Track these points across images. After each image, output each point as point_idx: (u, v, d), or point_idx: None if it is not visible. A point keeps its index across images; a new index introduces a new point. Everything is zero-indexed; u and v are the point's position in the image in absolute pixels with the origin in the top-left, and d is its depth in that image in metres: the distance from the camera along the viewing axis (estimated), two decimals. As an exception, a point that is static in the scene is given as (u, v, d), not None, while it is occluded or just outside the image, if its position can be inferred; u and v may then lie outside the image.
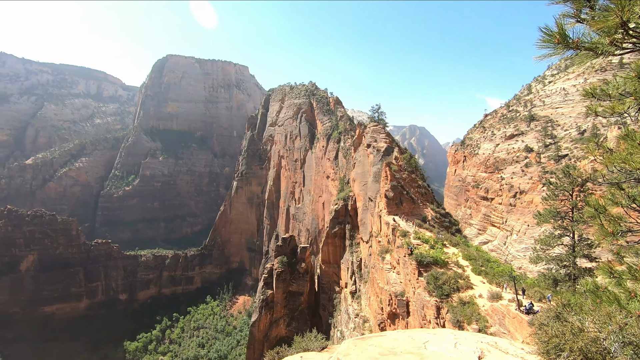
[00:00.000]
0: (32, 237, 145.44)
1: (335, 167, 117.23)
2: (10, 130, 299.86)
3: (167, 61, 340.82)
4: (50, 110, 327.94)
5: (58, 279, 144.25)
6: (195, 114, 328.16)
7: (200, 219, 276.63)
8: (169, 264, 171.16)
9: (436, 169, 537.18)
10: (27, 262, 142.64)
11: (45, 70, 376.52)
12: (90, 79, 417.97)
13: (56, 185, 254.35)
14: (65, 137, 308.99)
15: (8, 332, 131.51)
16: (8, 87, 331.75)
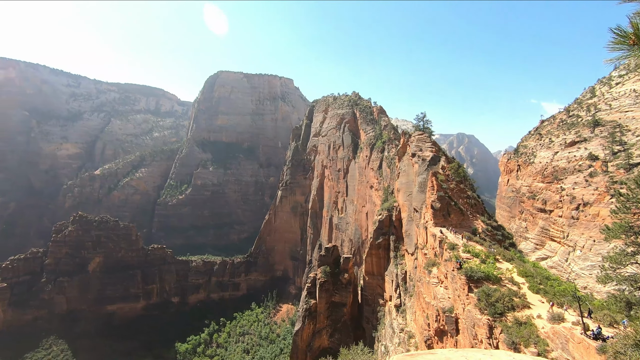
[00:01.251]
0: (98, 241, 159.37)
1: (379, 176, 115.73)
2: (83, 144, 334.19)
3: (217, 77, 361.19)
4: (116, 125, 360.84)
5: (119, 280, 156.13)
6: (242, 126, 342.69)
7: (246, 226, 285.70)
8: (217, 270, 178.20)
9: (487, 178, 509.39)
10: (94, 263, 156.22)
11: (113, 89, 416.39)
12: (150, 96, 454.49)
13: (119, 193, 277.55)
14: (128, 149, 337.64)
15: (76, 327, 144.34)
16: (82, 105, 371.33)
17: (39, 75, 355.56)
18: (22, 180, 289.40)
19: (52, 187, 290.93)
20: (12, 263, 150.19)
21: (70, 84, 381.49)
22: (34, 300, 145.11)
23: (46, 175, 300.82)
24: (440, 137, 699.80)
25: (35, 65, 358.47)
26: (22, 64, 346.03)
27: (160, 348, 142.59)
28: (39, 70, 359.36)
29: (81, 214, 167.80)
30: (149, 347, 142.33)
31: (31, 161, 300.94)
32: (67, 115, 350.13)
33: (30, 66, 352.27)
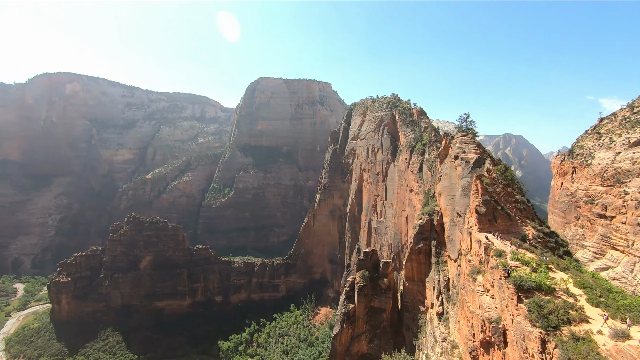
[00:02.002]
0: (149, 241, 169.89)
1: (419, 180, 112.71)
2: (136, 149, 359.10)
3: (258, 83, 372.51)
4: (165, 132, 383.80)
5: (167, 278, 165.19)
6: (282, 130, 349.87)
7: (285, 229, 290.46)
8: (257, 271, 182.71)
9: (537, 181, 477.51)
10: (145, 261, 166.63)
11: (162, 98, 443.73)
12: (196, 104, 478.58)
13: (168, 196, 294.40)
14: (176, 154, 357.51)
15: (130, 320, 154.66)
16: (135, 114, 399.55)
17: (99, 87, 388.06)
18: (84, 183, 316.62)
19: (109, 190, 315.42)
20: (76, 260, 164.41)
21: (126, 94, 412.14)
22: (93, 294, 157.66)
23: (104, 179, 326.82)
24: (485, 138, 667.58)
25: (95, 79, 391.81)
26: (85, 78, 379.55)
27: (205, 344, 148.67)
28: (99, 82, 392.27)
29: (134, 215, 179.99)
30: (194, 343, 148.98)
31: (92, 166, 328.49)
32: (123, 124, 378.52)
33: (91, 79, 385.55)
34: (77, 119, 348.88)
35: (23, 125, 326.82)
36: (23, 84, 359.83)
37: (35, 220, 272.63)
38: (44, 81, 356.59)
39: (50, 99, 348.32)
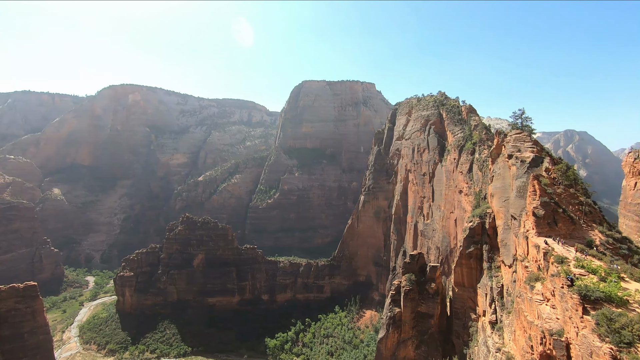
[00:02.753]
0: (201, 240, 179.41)
1: (469, 180, 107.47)
2: (189, 154, 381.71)
3: (302, 87, 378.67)
4: (215, 136, 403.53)
5: (218, 275, 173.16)
6: (326, 132, 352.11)
7: (330, 230, 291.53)
8: (302, 272, 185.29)
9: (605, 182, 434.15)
10: (198, 259, 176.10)
11: (212, 104, 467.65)
12: (243, 109, 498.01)
13: (218, 197, 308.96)
14: (225, 158, 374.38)
15: (185, 314, 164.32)
16: (188, 120, 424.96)
17: (157, 96, 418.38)
18: (144, 185, 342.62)
19: (166, 192, 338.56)
20: (137, 256, 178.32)
21: (180, 102, 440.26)
22: (153, 288, 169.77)
23: (161, 181, 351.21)
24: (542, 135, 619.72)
25: (153, 89, 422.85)
26: (144, 88, 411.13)
27: (252, 341, 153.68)
28: (156, 92, 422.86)
29: (188, 215, 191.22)
30: (242, 339, 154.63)
31: (151, 169, 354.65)
32: (178, 130, 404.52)
33: (150, 89, 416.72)
34: (138, 126, 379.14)
35: (93, 133, 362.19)
36: (93, 96, 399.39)
37: (103, 219, 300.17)
38: (109, 93, 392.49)
39: (115, 109, 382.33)
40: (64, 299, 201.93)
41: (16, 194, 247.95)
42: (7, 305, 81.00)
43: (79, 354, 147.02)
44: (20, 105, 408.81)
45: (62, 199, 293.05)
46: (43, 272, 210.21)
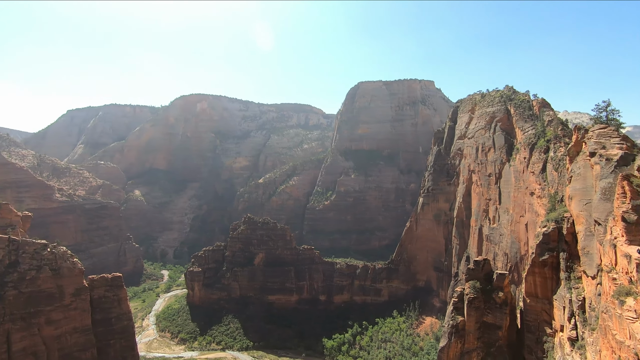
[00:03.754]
0: (262, 239, 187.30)
1: (542, 181, 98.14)
2: (251, 157, 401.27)
3: (358, 88, 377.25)
4: (274, 140, 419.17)
5: (277, 274, 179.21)
6: (382, 133, 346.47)
7: (387, 233, 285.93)
8: (359, 274, 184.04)
9: None
10: (258, 258, 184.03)
11: (271, 109, 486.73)
12: (301, 112, 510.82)
13: (277, 199, 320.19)
14: (283, 160, 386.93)
15: (247, 310, 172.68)
16: (250, 125, 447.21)
17: (221, 104, 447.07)
18: (211, 187, 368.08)
19: (229, 193, 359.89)
20: (204, 253, 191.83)
21: (242, 108, 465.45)
22: (218, 284, 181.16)
23: (225, 183, 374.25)
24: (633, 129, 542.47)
25: (218, 97, 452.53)
26: (211, 97, 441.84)
27: (310, 340, 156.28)
28: (221, 100, 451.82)
29: (249, 216, 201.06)
30: (301, 338, 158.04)
31: (216, 172, 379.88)
32: (240, 135, 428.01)
33: (215, 98, 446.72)
34: (205, 132, 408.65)
35: (167, 140, 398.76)
36: (167, 106, 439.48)
37: (175, 218, 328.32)
38: (180, 102, 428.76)
39: (186, 117, 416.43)
40: (143, 289, 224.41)
41: (105, 195, 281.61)
42: (98, 292, 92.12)
43: (156, 340, 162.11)
44: (109, 116, 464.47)
45: (142, 199, 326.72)
46: (127, 265, 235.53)
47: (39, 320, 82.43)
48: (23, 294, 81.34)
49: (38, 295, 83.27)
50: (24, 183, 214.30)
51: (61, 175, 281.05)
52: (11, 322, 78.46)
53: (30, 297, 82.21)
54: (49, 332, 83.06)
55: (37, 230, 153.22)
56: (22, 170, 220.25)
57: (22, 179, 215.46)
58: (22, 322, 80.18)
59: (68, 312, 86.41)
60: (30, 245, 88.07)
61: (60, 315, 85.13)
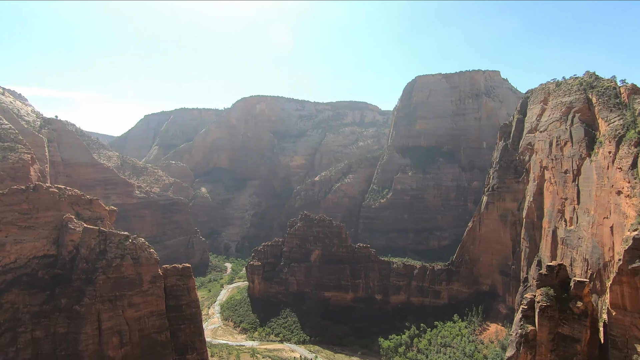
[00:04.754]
0: (317, 236, 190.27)
1: (631, 179, 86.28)
2: (307, 156, 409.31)
3: (415, 82, 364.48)
4: (330, 138, 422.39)
5: (333, 271, 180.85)
6: (442, 128, 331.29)
7: (447, 233, 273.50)
8: (417, 274, 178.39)
9: None
10: (314, 255, 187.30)
11: (327, 108, 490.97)
12: (356, 110, 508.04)
13: (332, 197, 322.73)
14: (339, 158, 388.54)
15: (304, 305, 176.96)
16: (306, 124, 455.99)
17: (279, 104, 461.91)
18: (269, 185, 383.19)
19: (287, 191, 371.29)
20: (264, 248, 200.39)
21: (298, 108, 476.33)
22: (276, 278, 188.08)
23: (283, 181, 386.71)
24: None
25: (276, 98, 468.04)
26: (269, 98, 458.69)
27: (366, 338, 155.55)
28: (279, 101, 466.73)
29: (306, 213, 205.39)
30: (356, 335, 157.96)
31: (274, 171, 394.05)
32: (296, 134, 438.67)
33: (273, 99, 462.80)
34: (264, 132, 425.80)
35: (229, 141, 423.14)
36: (229, 109, 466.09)
37: (237, 214, 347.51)
38: (241, 105, 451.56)
39: (246, 118, 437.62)
40: (209, 280, 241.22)
41: (176, 192, 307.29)
42: (170, 281, 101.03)
43: (220, 328, 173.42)
44: (179, 120, 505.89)
45: (207, 196, 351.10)
46: (194, 257, 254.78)
47: (123, 302, 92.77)
48: (110, 279, 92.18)
49: (122, 280, 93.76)
50: (110, 181, 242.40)
51: (140, 174, 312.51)
52: (101, 303, 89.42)
53: (116, 282, 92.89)
54: (130, 314, 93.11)
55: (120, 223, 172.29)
56: (109, 170, 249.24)
57: (109, 177, 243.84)
58: (110, 303, 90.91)
59: (146, 297, 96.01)
60: (116, 236, 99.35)
61: (139, 300, 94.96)
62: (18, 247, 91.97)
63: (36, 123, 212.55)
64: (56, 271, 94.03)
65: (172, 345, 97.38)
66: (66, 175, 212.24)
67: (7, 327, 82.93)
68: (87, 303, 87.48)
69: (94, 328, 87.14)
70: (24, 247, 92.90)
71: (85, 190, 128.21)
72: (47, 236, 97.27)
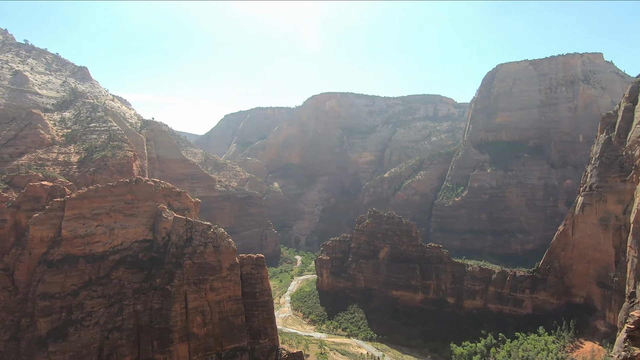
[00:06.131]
0: (386, 234, 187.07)
1: None
2: (376, 152, 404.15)
3: (496, 72, 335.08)
4: (400, 134, 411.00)
5: (401, 270, 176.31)
6: (527, 121, 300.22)
7: (532, 236, 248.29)
8: (495, 280, 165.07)
9: None
10: (383, 252, 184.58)
11: (398, 103, 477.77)
12: (429, 103, 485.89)
13: (402, 194, 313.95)
14: (410, 154, 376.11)
15: (371, 302, 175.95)
16: (376, 120, 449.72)
17: (348, 100, 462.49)
18: (338, 181, 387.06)
19: (355, 187, 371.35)
20: (332, 243, 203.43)
21: (368, 103, 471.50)
22: (344, 273, 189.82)
23: (351, 177, 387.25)
24: None
25: (346, 94, 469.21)
26: (338, 95, 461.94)
27: (436, 342, 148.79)
28: (348, 97, 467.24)
29: (374, 210, 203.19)
30: (426, 338, 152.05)
31: (343, 167, 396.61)
32: (366, 130, 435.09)
33: (343, 95, 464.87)
34: (333, 129, 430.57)
35: (300, 137, 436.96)
36: (300, 106, 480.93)
37: (307, 209, 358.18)
38: (312, 102, 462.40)
39: (316, 115, 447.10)
40: (280, 271, 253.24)
41: (252, 187, 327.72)
42: (246, 269, 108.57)
43: (290, 317, 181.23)
44: (254, 118, 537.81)
45: (280, 191, 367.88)
46: (267, 248, 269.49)
47: (206, 286, 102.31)
48: (195, 264, 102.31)
49: (205, 266, 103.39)
50: (196, 176, 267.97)
51: (220, 169, 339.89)
52: (187, 285, 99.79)
53: (200, 267, 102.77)
54: (212, 297, 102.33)
55: (203, 214, 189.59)
56: (194, 166, 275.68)
57: (195, 172, 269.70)
58: (195, 286, 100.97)
59: (225, 282, 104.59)
60: (200, 226, 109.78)
61: (219, 285, 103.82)
62: (124, 232, 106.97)
63: (137, 124, 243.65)
64: (152, 254, 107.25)
65: (247, 329, 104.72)
66: (160, 170, 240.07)
67: (116, 299, 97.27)
68: (177, 284, 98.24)
69: (182, 307, 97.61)
70: (128, 232, 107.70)
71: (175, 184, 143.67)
72: (145, 223, 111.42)
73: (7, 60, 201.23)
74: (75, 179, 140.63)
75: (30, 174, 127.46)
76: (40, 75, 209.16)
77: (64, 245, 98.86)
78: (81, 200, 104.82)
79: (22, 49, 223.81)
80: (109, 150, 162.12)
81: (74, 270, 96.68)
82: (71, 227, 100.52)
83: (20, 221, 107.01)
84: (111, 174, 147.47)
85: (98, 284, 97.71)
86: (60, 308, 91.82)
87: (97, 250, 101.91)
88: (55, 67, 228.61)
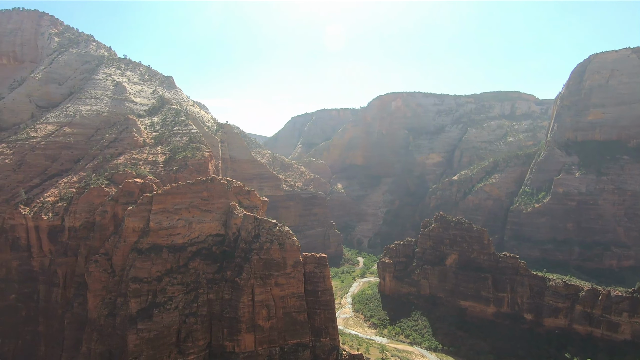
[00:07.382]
0: (454, 240, 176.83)
1: None
2: (444, 153, 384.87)
3: (589, 63, 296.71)
4: (472, 134, 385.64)
5: (471, 279, 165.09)
6: (628, 118, 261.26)
7: (631, 251, 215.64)
8: (583, 298, 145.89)
9: None
10: (450, 259, 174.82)
11: (469, 101, 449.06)
12: (505, 101, 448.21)
13: (473, 198, 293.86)
14: (482, 156, 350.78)
15: (437, 310, 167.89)
16: (444, 119, 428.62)
17: (415, 100, 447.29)
18: (403, 183, 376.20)
19: (421, 190, 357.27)
20: (396, 246, 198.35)
21: (436, 102, 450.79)
22: (407, 278, 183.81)
23: (417, 180, 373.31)
24: None
25: (412, 93, 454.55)
26: (405, 94, 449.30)
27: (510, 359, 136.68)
28: (415, 96, 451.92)
29: (442, 214, 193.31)
30: (497, 355, 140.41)
31: (408, 169, 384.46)
32: (433, 130, 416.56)
33: (409, 95, 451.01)
34: (399, 129, 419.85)
35: (364, 138, 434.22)
36: (365, 107, 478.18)
37: (370, 211, 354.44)
38: (377, 103, 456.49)
39: (381, 116, 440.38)
40: (342, 271, 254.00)
41: (316, 187, 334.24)
42: (308, 268, 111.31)
43: (351, 318, 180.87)
44: (319, 120, 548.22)
45: (343, 192, 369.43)
46: (330, 248, 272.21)
47: (271, 281, 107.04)
48: (262, 259, 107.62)
49: (270, 262, 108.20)
50: (264, 175, 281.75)
51: (286, 169, 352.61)
52: (254, 279, 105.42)
53: (266, 263, 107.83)
54: (276, 292, 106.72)
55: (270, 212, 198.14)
56: (263, 166, 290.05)
57: (263, 172, 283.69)
58: (261, 280, 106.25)
59: (289, 279, 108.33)
60: (267, 224, 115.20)
61: (284, 281, 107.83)
62: (200, 226, 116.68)
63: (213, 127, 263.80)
64: (224, 248, 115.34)
65: (309, 326, 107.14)
66: (232, 170, 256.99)
67: (192, 287, 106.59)
68: (245, 277, 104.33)
69: (249, 299, 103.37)
70: (204, 226, 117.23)
71: (245, 183, 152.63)
72: (218, 219, 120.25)
73: (110, 73, 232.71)
74: (162, 177, 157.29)
75: (126, 172, 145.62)
76: (135, 85, 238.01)
77: (151, 236, 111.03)
78: (165, 196, 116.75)
79: (122, 62, 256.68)
80: (189, 151, 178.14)
81: (159, 259, 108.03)
82: (157, 220, 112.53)
83: (118, 213, 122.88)
84: (190, 173, 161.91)
85: (178, 272, 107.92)
86: (147, 291, 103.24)
87: (178, 242, 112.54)
88: (147, 78, 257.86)
